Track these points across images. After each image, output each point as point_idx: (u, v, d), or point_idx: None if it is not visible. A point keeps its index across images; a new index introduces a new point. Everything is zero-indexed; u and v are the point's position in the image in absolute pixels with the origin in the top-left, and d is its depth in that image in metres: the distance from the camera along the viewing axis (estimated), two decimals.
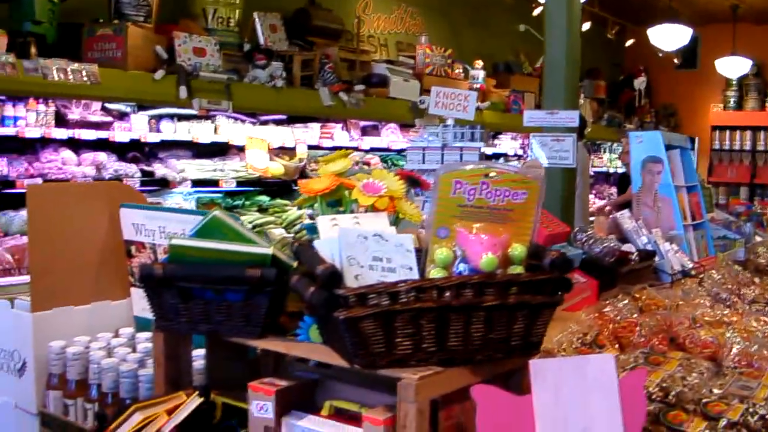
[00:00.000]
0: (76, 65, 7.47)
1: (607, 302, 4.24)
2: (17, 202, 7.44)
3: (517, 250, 2.62)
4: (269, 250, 2.81)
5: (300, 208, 9.24)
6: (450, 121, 6.58)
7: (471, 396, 2.45)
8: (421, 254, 2.67)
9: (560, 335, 3.68)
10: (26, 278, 6.52)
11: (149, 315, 3.87)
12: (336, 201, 3.05)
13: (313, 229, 3.00)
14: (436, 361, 2.56)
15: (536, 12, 13.77)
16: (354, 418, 2.68)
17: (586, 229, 5.21)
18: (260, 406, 2.73)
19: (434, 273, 2.59)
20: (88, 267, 4.03)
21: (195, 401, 2.85)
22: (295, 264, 2.84)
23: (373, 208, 2.92)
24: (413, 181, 3.36)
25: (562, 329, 3.70)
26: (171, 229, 3.79)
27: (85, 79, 7.46)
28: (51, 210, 3.95)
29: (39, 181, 7.27)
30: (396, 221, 2.98)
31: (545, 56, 8.62)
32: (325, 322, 2.66)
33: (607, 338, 3.82)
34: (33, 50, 7.37)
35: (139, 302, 4.04)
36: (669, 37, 15.05)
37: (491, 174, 2.63)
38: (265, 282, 2.78)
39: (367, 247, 2.60)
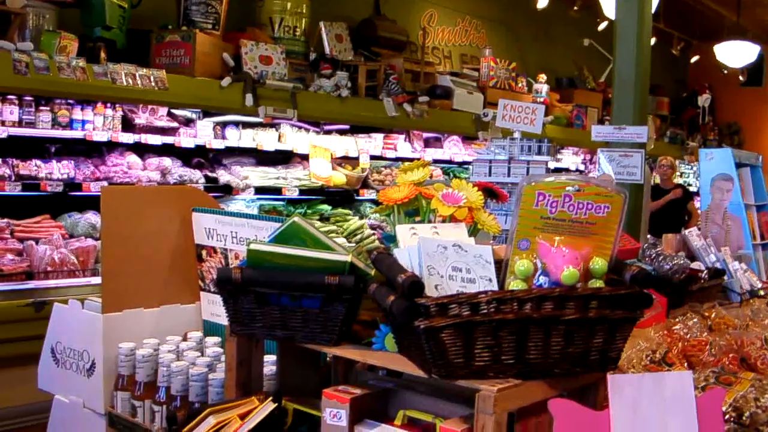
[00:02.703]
0: (144, 71, 7.54)
1: (677, 320, 4.19)
2: (83, 204, 7.53)
3: (598, 264, 2.60)
4: (348, 258, 2.81)
5: (378, 216, 9.32)
6: (516, 134, 6.55)
7: (548, 410, 2.43)
8: (500, 266, 2.66)
9: (629, 352, 3.65)
10: (90, 280, 6.67)
11: (218, 319, 3.93)
12: (413, 210, 3.04)
13: (389, 238, 2.99)
14: (514, 373, 2.55)
15: (601, 27, 13.69)
16: (427, 429, 2.67)
17: (655, 245, 5.16)
18: (334, 414, 2.73)
19: (514, 285, 2.58)
20: (158, 270, 4.06)
21: (268, 407, 2.85)
22: (372, 272, 2.83)
23: (451, 219, 2.91)
24: (491, 193, 3.35)
25: (632, 346, 3.67)
26: (243, 235, 3.81)
27: (153, 84, 7.53)
28: (124, 212, 3.97)
29: (104, 184, 7.33)
30: (473, 232, 2.96)
31: (614, 72, 8.56)
32: (403, 332, 2.65)
33: (677, 356, 3.78)
34: (103, 55, 7.45)
35: (208, 306, 4.07)
36: (735, 53, 14.92)
37: (574, 187, 2.61)
38: (343, 289, 2.77)
39: (446, 257, 2.59)
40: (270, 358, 3.46)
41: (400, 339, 2.73)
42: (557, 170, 12.63)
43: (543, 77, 12.49)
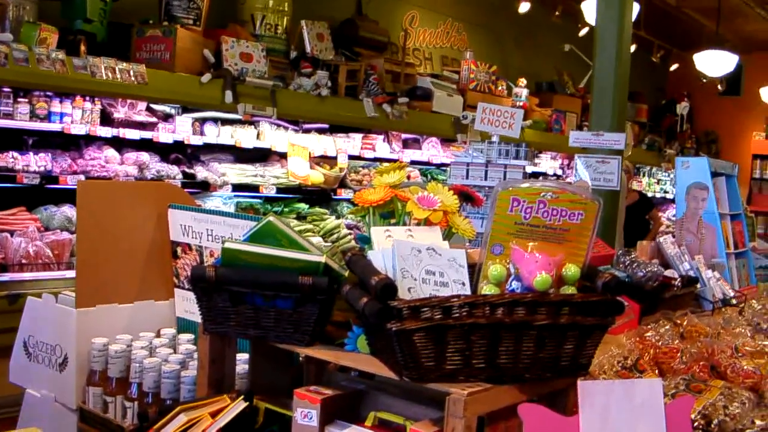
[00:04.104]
0: (124, 65, 7.52)
1: (649, 327, 4.22)
2: (59, 197, 7.51)
3: (571, 270, 2.61)
4: (322, 258, 2.81)
5: (353, 217, 9.33)
6: (495, 138, 6.55)
7: (518, 414, 2.45)
8: (474, 270, 2.67)
9: (601, 357, 3.67)
10: (65, 273, 6.65)
11: (192, 317, 3.93)
12: (388, 213, 3.04)
13: (364, 240, 3.00)
14: (484, 377, 2.56)
15: (582, 33, 13.75)
16: (398, 431, 2.68)
17: (629, 252, 5.18)
18: (305, 414, 2.73)
19: (487, 289, 2.59)
20: (133, 266, 4.06)
21: (239, 405, 2.85)
22: (346, 273, 2.83)
23: (426, 222, 2.92)
24: (467, 197, 3.35)
25: (603, 352, 3.69)
26: (219, 233, 3.81)
27: (133, 78, 7.51)
28: (100, 207, 3.96)
29: (82, 178, 7.32)
30: (448, 235, 2.97)
31: (593, 78, 8.60)
32: (376, 334, 2.66)
33: (648, 363, 3.80)
34: (83, 48, 7.43)
35: (182, 303, 4.07)
36: (714, 63, 14.98)
37: (549, 194, 2.63)
38: (316, 290, 2.78)
39: (420, 261, 2.60)
40: (242, 357, 3.46)
41: (373, 341, 2.73)
42: (535, 174, 12.69)
43: (523, 81, 12.51)
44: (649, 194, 16.32)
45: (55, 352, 3.90)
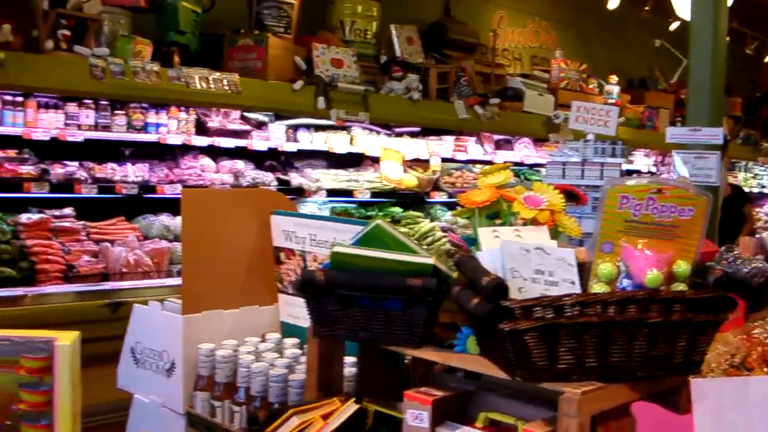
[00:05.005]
0: (217, 74, 7.61)
1: (756, 324, 4.15)
2: (157, 206, 7.63)
3: (682, 267, 2.58)
4: (431, 260, 2.82)
5: (449, 218, 9.31)
6: (590, 137, 6.52)
7: (632, 413, 2.42)
8: (582, 269, 2.65)
9: (708, 356, 3.61)
10: (164, 281, 6.75)
11: (296, 321, 3.97)
12: (493, 213, 3.04)
13: (470, 241, 3.00)
14: (596, 376, 2.54)
15: (673, 27, 13.57)
16: (508, 431, 2.67)
17: (732, 248, 5.10)
18: (415, 416, 2.74)
19: (597, 288, 2.57)
20: (237, 272, 4.10)
21: (351, 407, 2.87)
22: (455, 274, 2.84)
23: (533, 222, 2.91)
24: (571, 195, 3.34)
25: (710, 349, 3.63)
26: (322, 237, 3.83)
27: (226, 88, 7.59)
28: (204, 215, 4.02)
29: (178, 187, 7.42)
30: (554, 235, 2.96)
31: (689, 72, 8.48)
32: (486, 334, 2.66)
33: (756, 361, 3.73)
34: (176, 59, 7.55)
35: (286, 308, 4.11)
36: None
37: (658, 190, 2.60)
38: (426, 292, 2.78)
39: (529, 260, 2.59)
40: (348, 360, 3.48)
41: (483, 341, 2.73)
42: (629, 172, 12.55)
43: (614, 78, 12.38)
44: (746, 189, 16.07)
45: (162, 358, 3.96)
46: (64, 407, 2.18)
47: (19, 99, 6.74)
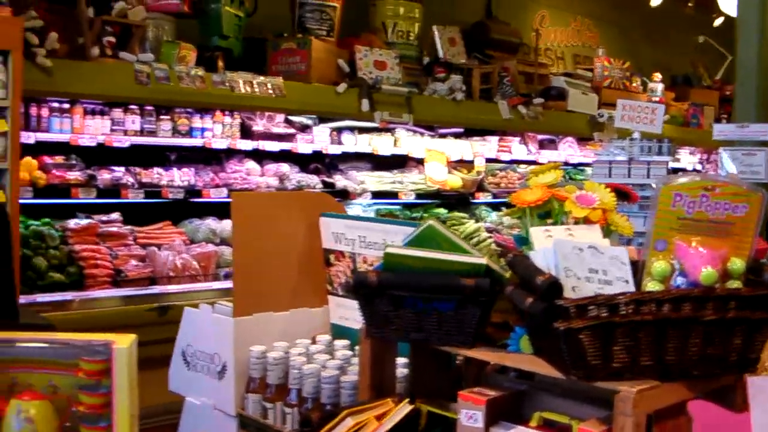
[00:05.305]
0: (261, 78, 7.65)
1: None
2: (203, 210, 7.67)
3: (736, 264, 2.57)
4: (484, 260, 2.82)
5: (494, 218, 9.30)
6: (636, 135, 6.48)
7: (688, 411, 2.41)
8: (635, 267, 2.64)
9: (764, 353, 3.58)
10: (211, 284, 6.78)
11: (346, 323, 3.98)
12: (545, 213, 3.04)
13: (521, 240, 3.00)
14: (651, 374, 2.53)
15: (717, 23, 13.47)
16: (563, 430, 2.67)
17: None
18: (469, 416, 2.74)
19: (651, 286, 2.57)
20: (287, 274, 4.12)
21: (405, 408, 2.87)
22: (507, 274, 2.84)
23: (585, 220, 2.90)
24: (623, 194, 3.32)
25: (766, 347, 3.60)
26: (372, 239, 3.84)
27: (270, 91, 7.63)
28: (254, 218, 4.04)
29: (224, 191, 7.47)
30: (606, 233, 2.95)
31: (736, 69, 8.39)
32: (540, 333, 2.65)
33: None
34: (220, 64, 7.59)
35: (337, 310, 4.11)
36: None
37: (712, 187, 2.59)
38: (479, 292, 2.78)
39: (583, 259, 2.58)
40: (400, 361, 3.48)
41: (536, 341, 2.73)
42: (675, 170, 12.47)
43: (658, 76, 12.30)
44: None
45: (213, 360, 3.98)
46: (123, 409, 2.20)
47: (66, 106, 6.80)
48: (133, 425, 2.23)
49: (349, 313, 3.99)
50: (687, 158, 13.30)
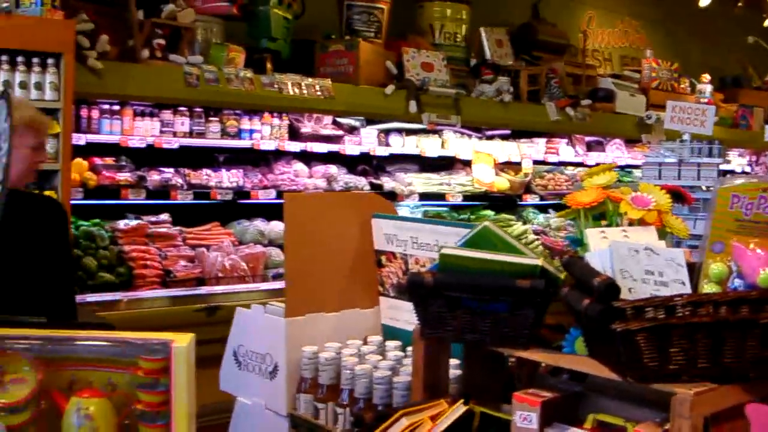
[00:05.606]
0: (309, 80, 7.69)
1: None
2: (252, 212, 7.70)
3: None
4: (539, 262, 2.81)
5: (543, 220, 9.27)
6: (686, 137, 6.45)
7: (745, 414, 2.40)
8: (692, 269, 2.63)
9: None
10: (259, 285, 6.80)
11: (397, 324, 3.98)
12: (599, 214, 3.03)
13: (576, 242, 2.99)
14: (708, 377, 2.51)
15: (767, 23, 13.35)
16: None
17: None
18: (524, 417, 2.73)
19: (708, 288, 2.55)
20: (339, 275, 4.13)
21: (460, 409, 2.88)
22: (562, 276, 2.83)
23: (640, 222, 2.89)
24: (677, 195, 3.31)
25: None
26: (424, 240, 3.85)
27: (319, 93, 7.65)
28: (307, 219, 4.05)
29: (272, 192, 7.50)
30: (661, 235, 2.94)
31: None
32: (595, 335, 2.64)
33: None
34: (269, 66, 7.64)
35: (387, 311, 4.12)
36: None
37: None
38: (534, 293, 2.78)
39: (639, 261, 2.57)
40: (451, 362, 3.48)
41: (591, 342, 2.72)
42: (725, 173, 12.36)
43: (706, 77, 12.21)
44: None
45: (265, 360, 4.00)
46: (181, 408, 2.22)
47: (116, 107, 6.87)
48: (191, 423, 2.25)
49: (400, 314, 4.00)
50: (736, 160, 13.18)
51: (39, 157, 4.57)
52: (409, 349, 3.64)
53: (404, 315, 3.96)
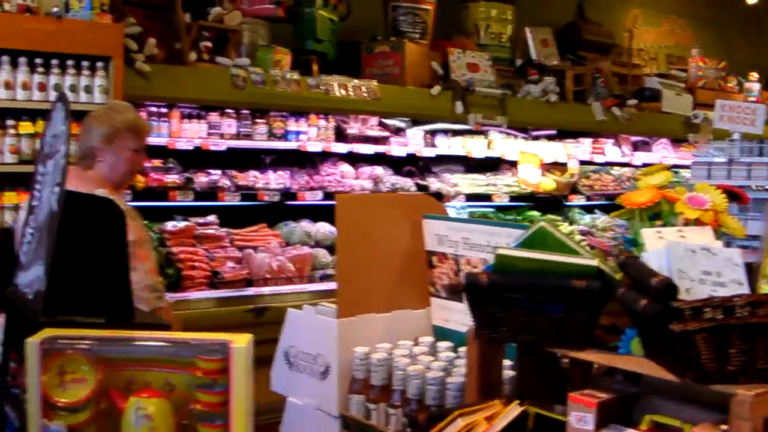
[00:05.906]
0: (356, 81, 7.71)
1: None
2: (298, 213, 7.72)
3: None
4: (595, 262, 2.80)
5: (588, 219, 9.22)
6: (735, 136, 6.40)
7: None
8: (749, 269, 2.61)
9: None
10: (306, 286, 6.82)
11: (448, 324, 3.97)
12: (654, 214, 3.01)
13: (632, 242, 2.98)
14: (767, 378, 2.49)
15: None
16: None
17: None
18: (580, 418, 2.72)
19: (766, 288, 2.53)
20: (390, 276, 4.12)
21: (515, 410, 2.87)
22: (618, 276, 2.82)
23: (696, 222, 2.87)
24: (733, 195, 3.28)
25: None
26: (475, 241, 3.83)
27: (365, 94, 7.67)
28: (358, 220, 4.05)
29: (319, 194, 7.52)
30: (717, 235, 2.92)
31: None
32: (652, 335, 2.63)
33: None
34: (315, 68, 7.67)
35: (438, 312, 4.11)
36: None
37: None
38: (590, 293, 2.77)
39: (696, 261, 2.56)
40: (504, 363, 3.47)
41: (648, 343, 2.70)
42: None
43: (755, 75, 12.10)
44: None
45: (316, 361, 4.00)
46: (240, 407, 2.23)
47: (164, 110, 6.91)
48: (249, 423, 2.26)
49: (451, 315, 3.99)
50: None
51: (140, 159, 4.72)
52: (461, 349, 3.64)
53: (455, 316, 3.95)
